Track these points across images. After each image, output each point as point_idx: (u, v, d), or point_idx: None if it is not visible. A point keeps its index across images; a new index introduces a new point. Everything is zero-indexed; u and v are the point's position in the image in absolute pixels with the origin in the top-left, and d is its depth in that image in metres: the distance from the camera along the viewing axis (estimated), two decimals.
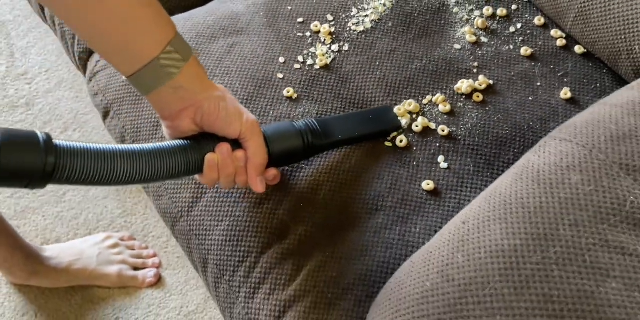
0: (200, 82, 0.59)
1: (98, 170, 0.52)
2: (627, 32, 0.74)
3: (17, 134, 0.49)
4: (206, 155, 0.59)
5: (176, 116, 0.59)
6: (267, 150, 0.62)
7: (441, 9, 0.83)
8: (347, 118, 0.73)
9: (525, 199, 0.55)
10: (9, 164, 0.47)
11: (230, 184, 0.62)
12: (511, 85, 0.78)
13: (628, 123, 0.59)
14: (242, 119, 0.60)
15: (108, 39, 0.56)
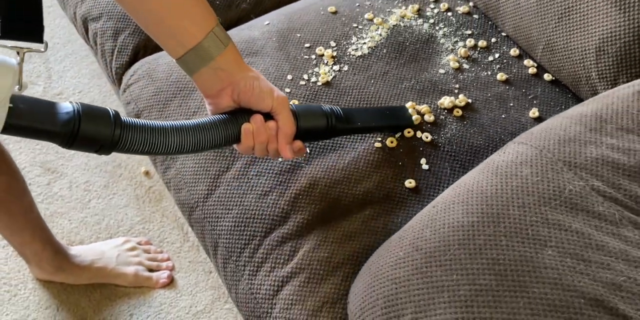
0: (237, 64, 0.68)
1: (154, 143, 0.62)
2: (585, 62, 0.85)
3: (94, 108, 0.59)
4: (242, 125, 0.68)
5: (217, 94, 0.69)
6: (296, 124, 0.71)
7: (430, 40, 0.95)
8: (368, 110, 0.83)
9: (484, 186, 0.65)
10: (86, 132, 0.58)
11: (263, 151, 0.70)
12: (487, 104, 0.88)
13: (574, 130, 0.69)
14: (273, 95, 0.69)
15: (162, 26, 0.66)
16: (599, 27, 0.82)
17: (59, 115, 0.57)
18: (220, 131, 0.67)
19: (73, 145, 0.59)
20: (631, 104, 0.71)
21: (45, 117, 0.57)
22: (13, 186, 1.01)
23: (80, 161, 1.42)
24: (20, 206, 1.05)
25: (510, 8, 0.92)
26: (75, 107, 0.58)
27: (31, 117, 0.56)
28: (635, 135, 0.68)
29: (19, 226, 1.07)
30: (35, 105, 0.57)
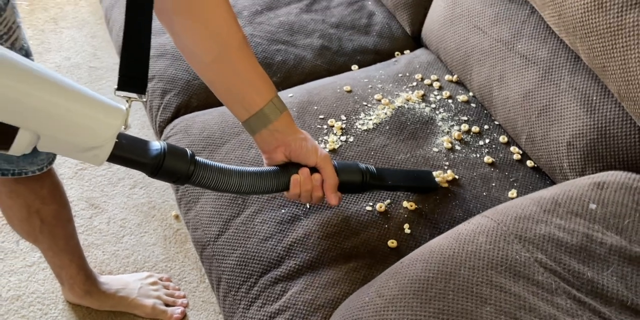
0: (291, 127, 0.81)
1: (220, 181, 0.74)
2: (558, 153, 0.94)
3: (177, 148, 0.71)
4: (292, 176, 0.80)
5: (273, 151, 0.81)
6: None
7: (429, 122, 1.06)
8: (398, 171, 0.95)
9: (444, 249, 0.74)
10: (168, 166, 0.70)
11: (307, 198, 0.82)
12: (472, 181, 0.98)
13: (530, 209, 0.79)
14: (318, 153, 0.81)
15: (232, 95, 0.80)
16: (570, 125, 0.92)
17: (150, 151, 0.69)
18: (274, 180, 0.79)
19: (157, 175, 0.70)
20: (585, 192, 0.81)
21: (140, 151, 0.68)
22: (61, 214, 1.11)
23: (121, 200, 1.55)
24: (65, 232, 1.15)
25: (501, 100, 1.04)
26: (163, 145, 0.70)
27: (130, 150, 0.67)
28: (582, 219, 0.77)
29: (60, 249, 1.17)
30: (134, 142, 0.68)
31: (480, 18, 1.06)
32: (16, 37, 0.79)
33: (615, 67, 0.77)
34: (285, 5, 1.30)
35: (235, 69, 0.78)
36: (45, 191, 1.03)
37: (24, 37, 0.81)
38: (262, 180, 0.78)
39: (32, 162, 0.91)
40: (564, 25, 0.83)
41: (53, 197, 1.06)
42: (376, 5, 1.34)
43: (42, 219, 1.07)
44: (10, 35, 0.77)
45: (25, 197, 1.02)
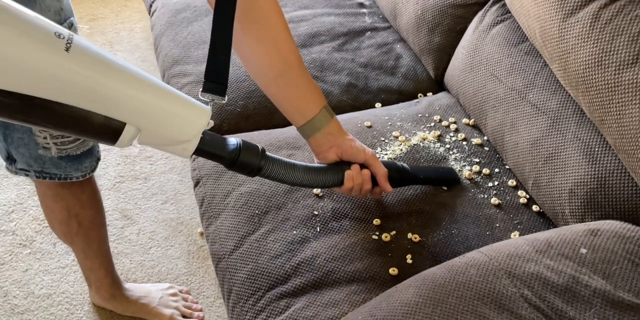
0: (340, 130, 0.92)
1: (285, 174, 0.83)
2: (561, 200, 0.97)
3: (250, 144, 0.80)
4: (346, 171, 0.89)
5: (326, 151, 0.91)
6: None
7: (442, 161, 1.11)
8: (427, 168, 1.07)
9: (437, 278, 0.78)
10: (243, 159, 0.78)
11: (358, 191, 0.91)
12: (476, 220, 1.02)
13: (523, 249, 0.82)
14: (366, 151, 0.91)
15: (291, 105, 0.90)
16: (573, 173, 0.95)
17: (228, 146, 0.78)
18: (330, 175, 0.89)
19: (233, 166, 0.79)
20: (579, 237, 0.84)
21: (220, 146, 0.77)
22: (97, 219, 1.18)
23: (152, 214, 1.62)
24: (98, 236, 1.22)
25: (512, 146, 1.08)
26: (239, 141, 0.79)
27: (212, 145, 0.75)
28: (571, 262, 0.80)
29: (92, 252, 1.24)
30: (215, 138, 0.77)
31: (497, 67, 1.11)
32: None
33: (612, 121, 0.81)
34: (319, 43, 1.38)
35: (295, 82, 0.89)
36: (85, 196, 1.11)
37: None
38: (321, 175, 0.88)
39: (78, 169, 0.99)
40: (568, 79, 0.88)
41: (91, 202, 1.14)
42: (404, 49, 1.41)
43: (80, 222, 1.14)
44: None
45: (67, 201, 1.10)
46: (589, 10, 0.83)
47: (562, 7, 0.86)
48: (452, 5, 1.28)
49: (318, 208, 1.00)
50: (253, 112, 1.25)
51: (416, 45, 1.36)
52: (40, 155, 0.93)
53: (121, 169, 1.75)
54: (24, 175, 0.98)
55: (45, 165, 0.96)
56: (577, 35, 0.84)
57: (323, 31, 1.42)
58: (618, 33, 0.78)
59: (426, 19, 1.31)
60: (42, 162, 0.95)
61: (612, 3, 0.81)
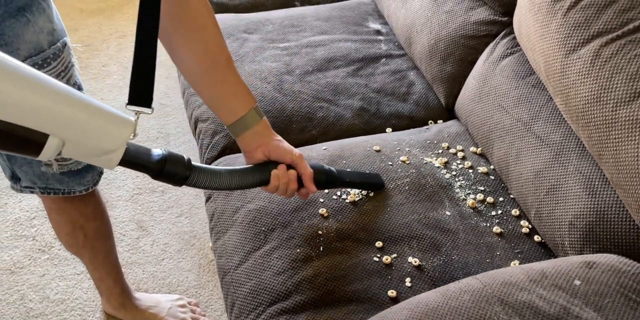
0: (268, 130, 0.93)
1: (210, 181, 0.84)
2: (561, 232, 0.98)
3: (175, 155, 0.81)
4: (272, 171, 0.91)
5: (254, 150, 0.92)
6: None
7: (447, 187, 1.12)
8: (354, 173, 1.07)
9: (430, 301, 0.79)
10: (169, 170, 0.79)
11: (284, 190, 0.92)
12: (477, 248, 1.03)
13: (518, 277, 0.83)
14: (293, 152, 0.92)
15: (221, 103, 0.92)
16: (573, 205, 0.96)
17: (153, 157, 0.78)
18: (257, 175, 0.90)
19: (160, 177, 0.80)
20: (574, 269, 0.85)
21: (145, 157, 0.77)
22: (102, 230, 1.21)
23: (166, 226, 1.66)
24: (104, 247, 1.25)
25: (516, 176, 1.09)
26: (164, 152, 0.80)
27: (137, 156, 0.76)
28: (564, 293, 0.81)
29: (99, 263, 1.27)
30: (140, 149, 0.77)
31: (505, 98, 1.13)
32: (71, 75, 0.91)
33: (609, 156, 0.82)
34: (334, 68, 1.42)
35: (222, 80, 0.90)
36: (89, 210, 1.14)
37: (77, 75, 0.94)
38: (247, 175, 0.89)
39: (80, 183, 1.02)
40: (569, 113, 0.90)
41: (96, 215, 1.16)
42: (417, 77, 1.43)
43: (85, 234, 1.17)
44: (67, 73, 0.90)
45: (71, 214, 1.13)
46: (591, 47, 0.85)
47: (565, 43, 0.88)
48: (465, 36, 1.31)
49: (323, 228, 1.02)
50: None
51: (429, 73, 1.39)
52: (43, 172, 0.96)
53: (140, 182, 1.79)
54: (29, 192, 1.01)
55: (49, 182, 0.99)
56: (578, 72, 0.85)
57: (339, 56, 1.45)
58: (617, 71, 0.80)
59: (439, 48, 1.34)
60: (45, 178, 0.98)
61: (612, 42, 0.82)
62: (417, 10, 1.44)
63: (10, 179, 1.01)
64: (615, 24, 0.83)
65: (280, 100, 1.32)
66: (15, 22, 0.81)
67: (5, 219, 1.65)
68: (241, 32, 1.55)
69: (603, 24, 0.84)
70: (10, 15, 0.80)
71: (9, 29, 0.80)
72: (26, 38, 0.82)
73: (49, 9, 0.86)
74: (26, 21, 0.81)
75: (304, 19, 1.61)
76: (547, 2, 0.93)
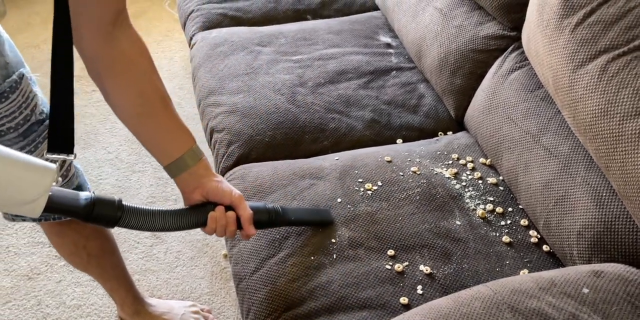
0: (207, 171, 0.90)
1: (145, 223, 0.82)
2: (570, 241, 1.00)
3: (104, 197, 0.78)
4: (209, 213, 0.88)
5: (191, 191, 0.89)
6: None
7: (457, 197, 1.15)
8: (300, 209, 1.07)
9: (442, 307, 0.82)
10: (98, 213, 0.77)
11: (222, 232, 0.89)
12: (487, 257, 1.05)
13: (527, 285, 0.85)
14: (232, 194, 0.89)
15: (156, 144, 0.88)
16: (581, 216, 0.98)
17: (79, 201, 0.76)
18: (193, 217, 0.87)
19: (89, 219, 0.77)
20: (582, 277, 0.87)
21: (71, 201, 0.75)
22: (106, 246, 1.21)
23: (179, 234, 1.68)
24: (110, 261, 1.26)
25: (525, 187, 1.11)
26: (92, 196, 0.77)
27: (62, 202, 0.74)
28: (572, 300, 0.83)
29: (109, 276, 1.29)
30: (65, 194, 0.75)
31: (514, 111, 1.16)
32: (35, 104, 0.90)
33: (616, 168, 0.84)
34: (346, 80, 1.45)
35: (157, 121, 0.87)
36: (88, 230, 1.14)
37: (43, 103, 0.93)
38: (182, 218, 0.86)
39: None
40: (577, 126, 0.92)
41: (96, 234, 1.17)
42: (427, 89, 1.46)
43: (89, 253, 1.18)
44: (29, 103, 0.89)
45: (71, 236, 1.13)
46: (598, 63, 0.88)
47: (573, 58, 0.91)
48: (474, 50, 1.34)
49: (335, 236, 1.04)
50: (280, 142, 1.31)
51: (438, 86, 1.42)
52: None
53: (154, 190, 1.82)
54: (21, 220, 1.01)
55: None
56: (585, 86, 0.88)
57: (350, 69, 1.48)
58: (623, 86, 0.82)
59: (449, 62, 1.37)
60: None
61: (619, 57, 0.85)
62: (427, 24, 1.47)
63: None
64: (621, 40, 0.86)
65: (293, 111, 1.35)
66: None
67: (22, 226, 1.69)
68: (255, 45, 1.58)
69: (609, 41, 0.87)
70: None
71: None
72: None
73: (0, 45, 0.84)
74: None
75: (316, 32, 1.64)
76: (555, 18, 0.96)
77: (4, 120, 0.86)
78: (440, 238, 1.06)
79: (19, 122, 0.88)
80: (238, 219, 0.91)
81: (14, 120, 0.87)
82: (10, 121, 0.87)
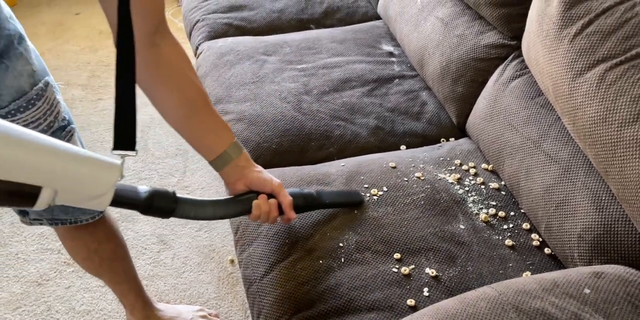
0: (248, 163, 0.98)
1: (196, 212, 0.89)
2: (571, 244, 1.02)
3: (161, 189, 0.85)
4: (253, 201, 0.96)
5: (235, 182, 0.97)
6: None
7: (460, 202, 1.18)
8: (333, 192, 1.14)
9: (449, 308, 0.84)
10: (157, 205, 0.84)
11: (265, 218, 0.98)
12: (491, 260, 1.08)
13: (531, 286, 0.88)
14: (273, 182, 0.98)
15: (201, 141, 0.96)
16: (581, 219, 1.01)
17: (140, 195, 0.82)
18: (239, 205, 0.96)
19: (148, 212, 0.84)
20: (583, 279, 0.89)
21: (133, 195, 0.81)
22: (118, 251, 1.25)
23: (186, 240, 1.71)
24: (122, 266, 1.29)
25: (526, 191, 1.14)
26: (150, 189, 0.84)
27: (125, 195, 0.80)
28: (575, 301, 0.86)
29: (120, 280, 1.32)
30: (127, 188, 0.81)
31: (515, 117, 1.19)
32: (58, 111, 0.94)
33: (615, 173, 0.88)
34: (350, 88, 1.48)
35: (202, 121, 0.95)
36: (101, 234, 1.18)
37: (65, 110, 0.97)
38: (230, 207, 0.95)
39: (85, 212, 1.06)
40: (577, 132, 0.96)
41: (108, 238, 1.20)
42: (429, 96, 1.50)
43: (101, 257, 1.21)
44: (53, 110, 0.93)
45: (84, 240, 1.17)
46: (596, 71, 0.91)
47: (572, 67, 0.95)
48: (475, 58, 1.37)
49: (343, 240, 1.07)
50: (287, 149, 1.34)
51: (440, 93, 1.45)
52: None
53: None
54: (39, 224, 1.05)
55: (55, 213, 1.03)
56: (584, 94, 0.91)
57: (354, 77, 1.52)
58: (621, 94, 0.86)
59: (450, 70, 1.41)
60: (50, 210, 1.02)
61: (616, 66, 0.88)
62: (429, 33, 1.51)
63: (18, 213, 1.05)
64: (619, 50, 0.89)
65: (299, 119, 1.38)
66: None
67: (31, 233, 1.71)
68: (260, 54, 1.62)
69: (607, 50, 0.90)
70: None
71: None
72: (7, 83, 0.85)
73: (27, 52, 0.88)
74: (5, 67, 0.84)
75: (320, 41, 1.68)
76: (554, 29, 1.00)
77: (30, 126, 0.89)
78: (445, 242, 1.08)
79: (43, 128, 0.91)
80: (279, 206, 0.99)
81: (39, 126, 0.91)
82: (35, 127, 0.90)
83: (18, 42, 0.86)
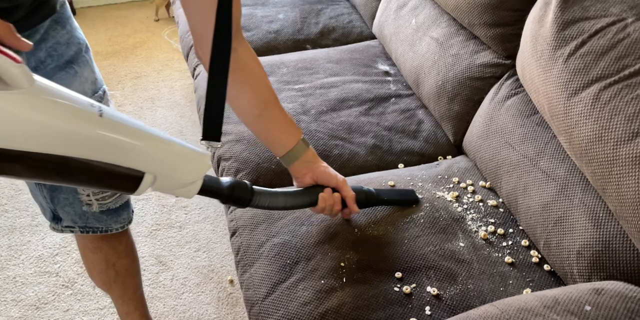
0: (315, 158, 1.05)
1: (270, 202, 0.96)
2: (570, 261, 1.03)
3: (241, 182, 0.92)
4: (319, 194, 1.02)
5: (303, 176, 1.04)
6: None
7: (459, 220, 1.19)
8: (391, 190, 1.20)
9: None
10: (237, 195, 0.91)
11: (329, 211, 1.04)
12: (491, 277, 1.09)
13: (532, 304, 0.89)
14: (338, 177, 1.04)
15: (273, 138, 1.03)
16: (580, 236, 1.03)
17: (223, 184, 0.89)
18: (307, 197, 1.03)
19: (229, 201, 0.91)
20: (584, 295, 0.91)
21: (217, 185, 0.88)
22: (132, 267, 1.28)
23: (185, 261, 1.71)
24: (134, 282, 1.31)
25: (524, 208, 1.16)
26: (231, 180, 0.91)
27: (211, 184, 0.86)
28: (575, 317, 0.86)
29: (128, 297, 1.33)
30: (212, 178, 0.87)
31: (511, 135, 1.21)
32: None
33: (612, 191, 0.89)
34: (347, 108, 1.50)
35: (274, 119, 1.01)
36: (122, 247, 1.21)
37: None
38: (298, 198, 1.01)
39: (117, 221, 1.09)
40: (573, 150, 0.97)
41: (127, 252, 1.23)
42: (425, 115, 1.52)
43: (117, 271, 1.23)
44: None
45: (105, 252, 1.19)
46: (591, 91, 0.93)
47: (567, 87, 0.97)
48: (471, 77, 1.39)
49: (344, 260, 1.08)
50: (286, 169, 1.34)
51: (437, 112, 1.47)
52: (84, 212, 1.04)
53: (158, 218, 1.85)
54: (70, 231, 1.08)
55: (89, 221, 1.06)
56: (579, 113, 0.93)
57: (351, 97, 1.54)
58: (616, 113, 0.88)
59: (446, 89, 1.43)
60: (85, 218, 1.05)
61: (610, 86, 0.91)
62: (425, 53, 1.54)
63: (51, 220, 1.07)
64: (613, 69, 0.91)
65: None
66: (65, 74, 0.89)
67: (29, 256, 1.71)
68: None
69: (601, 70, 0.93)
70: (60, 69, 0.89)
71: (59, 81, 0.88)
72: (74, 88, 0.90)
73: (91, 61, 0.95)
74: (74, 73, 0.90)
75: (316, 61, 1.70)
76: (548, 49, 1.02)
77: None
78: (445, 260, 1.09)
79: None
80: (342, 200, 1.05)
81: None
82: None
83: (85, 51, 0.94)
